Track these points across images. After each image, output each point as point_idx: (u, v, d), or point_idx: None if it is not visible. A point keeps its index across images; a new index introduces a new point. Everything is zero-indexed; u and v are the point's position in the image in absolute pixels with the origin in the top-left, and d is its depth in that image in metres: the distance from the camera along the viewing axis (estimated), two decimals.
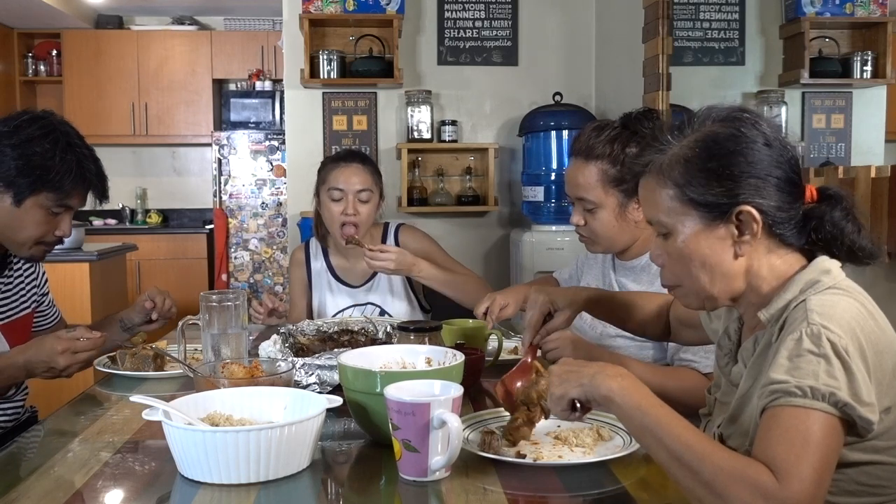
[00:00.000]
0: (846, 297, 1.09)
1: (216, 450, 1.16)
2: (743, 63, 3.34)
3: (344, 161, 2.42)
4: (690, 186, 1.14)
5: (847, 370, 1.00)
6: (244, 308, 1.71)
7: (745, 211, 1.12)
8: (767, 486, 0.93)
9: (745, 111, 1.17)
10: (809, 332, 1.02)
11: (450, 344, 1.77)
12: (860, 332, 1.04)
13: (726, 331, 1.30)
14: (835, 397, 0.98)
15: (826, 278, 1.12)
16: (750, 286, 1.17)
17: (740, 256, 1.15)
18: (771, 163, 1.13)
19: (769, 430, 0.99)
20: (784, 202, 1.13)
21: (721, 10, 3.34)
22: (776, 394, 1.00)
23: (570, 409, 1.16)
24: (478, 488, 1.17)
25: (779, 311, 1.13)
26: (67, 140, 1.75)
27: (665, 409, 1.06)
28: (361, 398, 1.33)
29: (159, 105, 6.44)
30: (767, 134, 1.14)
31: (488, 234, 4.29)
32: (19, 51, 6.42)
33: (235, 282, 6.12)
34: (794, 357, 1.02)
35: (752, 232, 1.13)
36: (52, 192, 1.72)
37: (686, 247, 1.16)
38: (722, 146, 1.13)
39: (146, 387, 1.76)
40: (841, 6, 3.01)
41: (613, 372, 1.11)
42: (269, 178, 6.14)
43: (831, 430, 0.98)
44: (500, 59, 4.23)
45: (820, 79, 3.07)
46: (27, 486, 1.20)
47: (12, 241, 1.78)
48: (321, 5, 4.01)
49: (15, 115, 1.77)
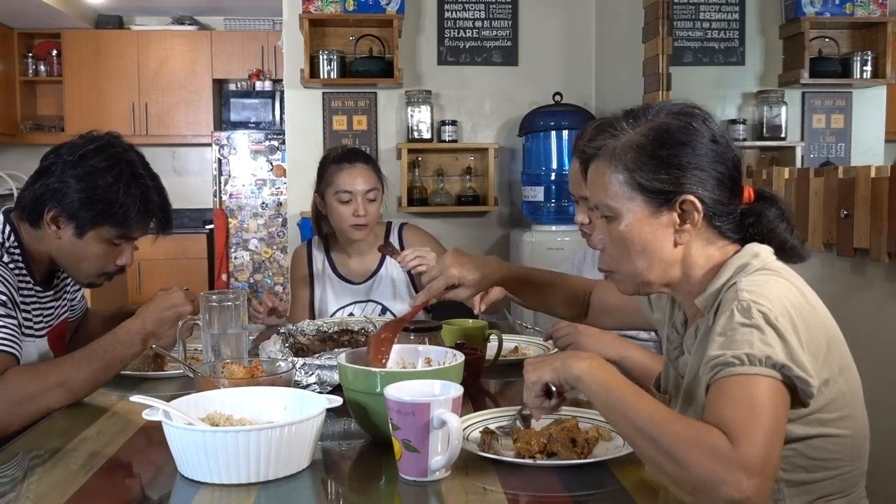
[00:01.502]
0: (775, 276, 1.15)
1: (216, 450, 1.16)
2: (743, 63, 3.34)
3: (349, 162, 2.43)
4: (640, 172, 1.19)
5: (780, 337, 1.05)
6: (244, 308, 1.71)
7: (689, 200, 1.18)
8: (723, 449, 0.96)
9: (696, 108, 1.24)
10: (740, 308, 1.08)
11: (450, 344, 1.77)
12: (790, 307, 1.09)
13: (673, 324, 1.35)
14: (771, 360, 1.02)
15: (756, 261, 1.17)
16: (685, 274, 1.23)
17: (679, 245, 1.21)
18: (716, 158, 1.19)
19: (716, 400, 1.03)
20: (724, 197, 1.20)
21: (721, 10, 3.34)
22: (716, 367, 1.05)
23: (544, 394, 1.21)
24: (478, 488, 1.17)
25: (713, 295, 1.18)
26: (132, 171, 1.72)
27: (630, 387, 1.11)
28: (361, 398, 1.33)
29: (159, 105, 6.44)
30: (715, 131, 1.21)
31: (488, 234, 4.28)
32: (19, 51, 6.42)
33: (235, 282, 6.12)
34: (727, 332, 1.07)
35: (693, 221, 1.19)
36: (115, 226, 1.71)
37: (629, 231, 1.22)
38: (673, 136, 1.19)
39: (146, 387, 1.76)
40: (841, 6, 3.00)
41: (584, 355, 1.18)
42: (269, 178, 6.14)
43: (774, 392, 1.02)
44: (500, 59, 4.23)
45: (820, 79, 3.07)
46: (27, 486, 1.20)
47: (73, 269, 1.79)
48: (321, 5, 4.01)
49: (81, 141, 1.74)
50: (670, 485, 1.02)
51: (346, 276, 2.52)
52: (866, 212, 1.79)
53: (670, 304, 1.38)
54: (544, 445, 1.27)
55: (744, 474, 0.94)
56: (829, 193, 1.95)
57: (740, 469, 0.94)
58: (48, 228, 1.70)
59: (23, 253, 1.75)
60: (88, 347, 1.65)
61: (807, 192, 2.04)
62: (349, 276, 2.52)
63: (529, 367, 1.22)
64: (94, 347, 1.64)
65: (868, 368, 1.87)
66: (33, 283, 1.77)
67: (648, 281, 1.24)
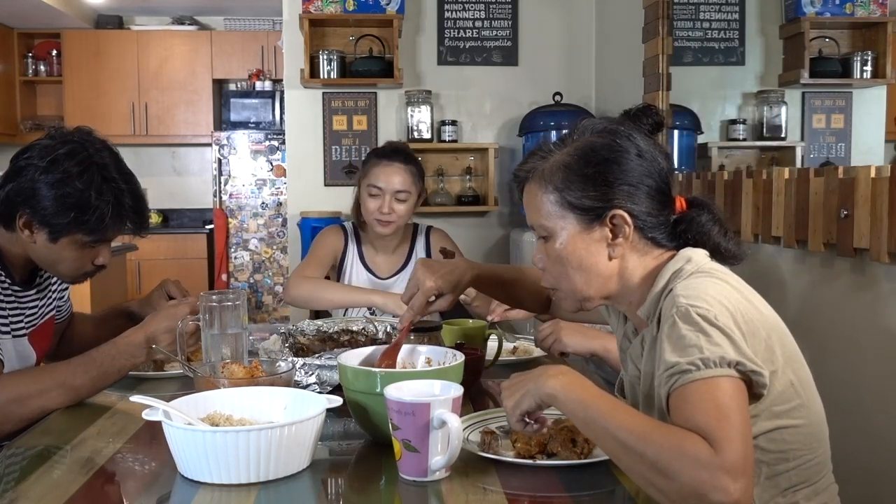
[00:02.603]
0: (709, 278, 1.16)
1: (216, 450, 1.16)
2: (743, 63, 3.33)
3: (387, 158, 2.47)
4: (569, 191, 1.23)
5: (725, 335, 1.06)
6: (244, 308, 1.71)
7: (618, 215, 1.21)
8: (706, 457, 0.97)
9: (620, 125, 1.27)
10: (679, 314, 1.09)
11: (450, 344, 1.77)
12: (727, 304, 1.11)
13: (625, 333, 1.37)
14: (725, 359, 1.04)
15: (689, 265, 1.20)
16: (623, 286, 1.26)
17: (614, 258, 1.24)
18: (643, 172, 1.23)
19: (682, 409, 1.04)
20: (654, 209, 1.23)
21: (721, 10, 3.34)
22: (673, 377, 1.05)
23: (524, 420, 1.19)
24: (478, 488, 1.17)
25: (652, 304, 1.21)
26: (104, 175, 1.68)
27: (606, 399, 1.10)
28: (361, 398, 1.33)
29: (159, 105, 6.44)
30: (640, 146, 1.24)
31: (488, 234, 4.28)
32: (19, 51, 6.42)
33: (235, 282, 6.12)
34: (674, 340, 1.08)
35: (625, 235, 1.22)
36: (88, 233, 1.69)
37: (564, 249, 1.25)
38: (598, 154, 1.23)
39: (146, 387, 1.76)
40: (841, 6, 3.00)
41: (555, 371, 1.16)
42: (269, 178, 6.14)
43: (735, 390, 1.04)
44: (500, 59, 4.23)
45: (820, 79, 3.06)
46: (27, 486, 1.20)
47: (51, 270, 1.79)
48: (321, 5, 4.01)
49: (51, 142, 1.69)
50: (657, 495, 1.01)
51: (372, 269, 2.58)
52: (866, 212, 1.79)
53: (616, 316, 1.40)
54: (544, 445, 1.27)
55: (729, 478, 0.95)
56: (829, 193, 1.95)
57: (725, 474, 0.95)
58: (21, 232, 1.69)
59: None
60: (88, 354, 1.64)
61: (807, 192, 2.04)
62: (376, 270, 2.58)
63: (505, 392, 1.21)
64: (94, 356, 1.63)
65: (868, 368, 1.87)
66: (11, 282, 1.76)
67: (588, 296, 1.27)
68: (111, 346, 1.65)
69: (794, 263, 2.18)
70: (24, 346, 1.78)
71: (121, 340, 1.66)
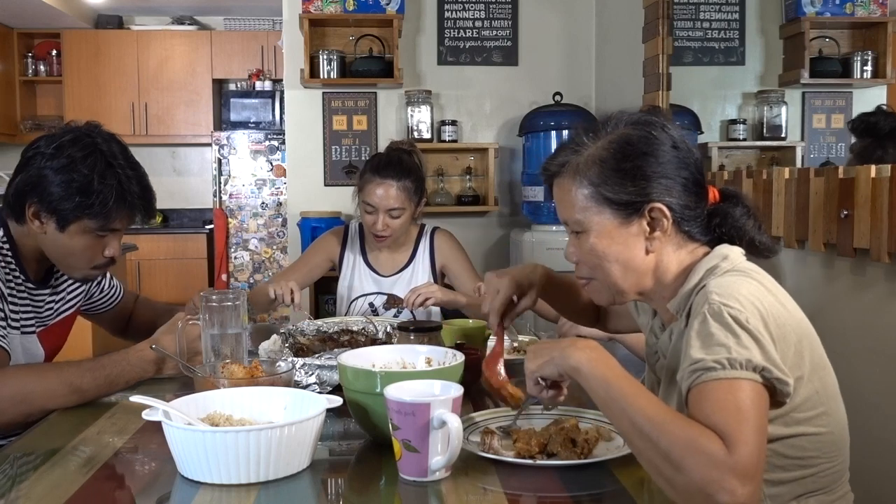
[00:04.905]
0: (743, 277, 1.15)
1: (216, 450, 1.16)
2: (743, 63, 3.33)
3: (380, 175, 2.45)
4: (605, 185, 1.20)
5: (754, 339, 1.05)
6: (244, 308, 1.71)
7: (657, 208, 1.19)
8: (719, 456, 0.96)
9: (654, 115, 1.24)
10: (711, 311, 1.08)
11: (450, 344, 1.77)
12: (760, 307, 1.09)
13: (652, 329, 1.35)
14: (752, 363, 1.03)
15: (724, 263, 1.18)
16: (658, 281, 1.24)
17: (651, 252, 1.22)
18: (679, 164, 1.20)
19: (701, 406, 1.03)
20: (691, 201, 1.21)
21: (721, 10, 3.34)
22: (697, 372, 1.04)
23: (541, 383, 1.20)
24: (478, 488, 1.17)
25: (683, 299, 1.20)
26: (107, 161, 1.69)
27: (629, 381, 1.09)
28: (361, 398, 1.33)
29: (159, 105, 6.44)
30: (675, 137, 1.22)
31: (488, 234, 4.28)
32: (19, 51, 6.42)
33: (235, 282, 6.12)
34: (703, 336, 1.07)
35: (663, 228, 1.20)
36: (94, 218, 1.68)
37: (600, 243, 1.23)
38: (635, 147, 1.20)
39: (146, 387, 1.75)
40: (841, 6, 3.00)
41: (583, 344, 1.15)
42: (269, 178, 6.14)
43: (757, 395, 1.03)
44: (500, 59, 4.23)
45: (820, 79, 3.06)
46: (27, 487, 1.20)
47: (63, 264, 1.78)
48: (321, 5, 4.01)
49: (59, 132, 1.71)
50: (664, 485, 1.01)
51: (375, 267, 2.60)
52: (866, 212, 1.79)
53: (651, 309, 1.38)
54: (544, 445, 1.27)
55: (738, 481, 0.95)
56: (830, 193, 1.95)
57: (735, 476, 0.95)
58: (31, 223, 1.69)
59: (13, 249, 1.74)
60: (98, 359, 1.65)
61: (807, 192, 2.04)
62: (378, 267, 2.60)
63: (530, 354, 1.22)
64: (104, 362, 1.64)
65: (868, 368, 1.87)
66: (24, 279, 1.76)
67: (623, 290, 1.26)
68: (122, 357, 1.67)
69: (795, 263, 2.18)
70: (32, 343, 1.79)
71: (133, 354, 1.68)
